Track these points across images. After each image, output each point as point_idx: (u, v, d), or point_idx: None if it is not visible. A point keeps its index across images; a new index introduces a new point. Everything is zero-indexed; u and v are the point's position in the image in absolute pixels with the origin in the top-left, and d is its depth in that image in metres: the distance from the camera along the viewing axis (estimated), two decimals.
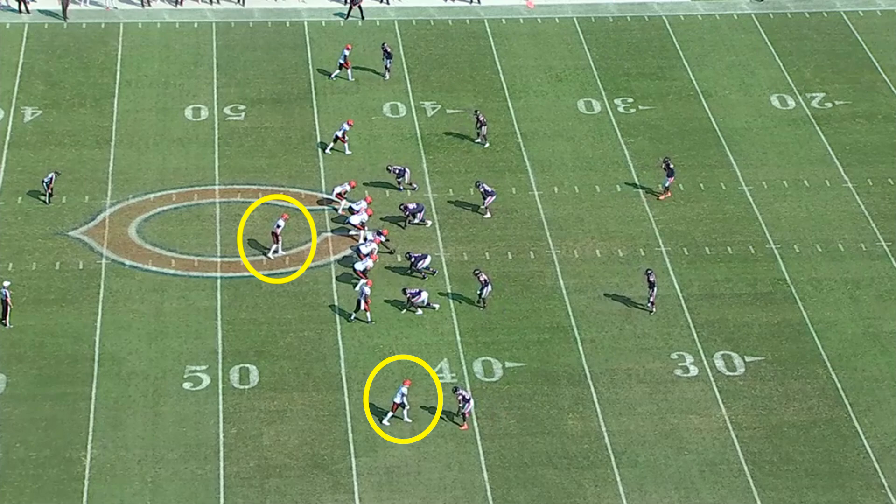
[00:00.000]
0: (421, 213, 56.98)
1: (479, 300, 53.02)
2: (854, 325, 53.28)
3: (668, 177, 58.73)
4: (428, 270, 54.07)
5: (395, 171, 58.52)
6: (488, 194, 57.76)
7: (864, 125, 64.14)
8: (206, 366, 50.69)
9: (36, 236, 56.28)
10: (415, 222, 57.05)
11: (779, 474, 47.28)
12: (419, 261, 53.90)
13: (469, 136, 62.11)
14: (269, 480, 46.48)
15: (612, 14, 72.02)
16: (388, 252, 55.07)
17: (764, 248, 56.85)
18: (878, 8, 72.79)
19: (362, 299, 52.18)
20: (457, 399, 48.05)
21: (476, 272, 53.00)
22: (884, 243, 57.21)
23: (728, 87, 66.64)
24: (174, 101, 64.59)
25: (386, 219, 57.20)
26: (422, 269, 53.94)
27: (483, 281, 52.58)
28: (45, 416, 48.44)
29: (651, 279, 52.82)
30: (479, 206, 58.12)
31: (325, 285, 54.34)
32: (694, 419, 49.21)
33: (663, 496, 46.37)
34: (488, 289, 52.66)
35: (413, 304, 52.60)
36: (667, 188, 58.97)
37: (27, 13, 70.01)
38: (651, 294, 52.90)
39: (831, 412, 49.63)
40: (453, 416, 48.41)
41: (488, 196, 57.75)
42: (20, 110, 63.54)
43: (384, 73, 66.22)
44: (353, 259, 54.57)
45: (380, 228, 56.11)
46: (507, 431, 48.45)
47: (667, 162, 58.85)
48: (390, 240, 55.61)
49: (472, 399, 48.20)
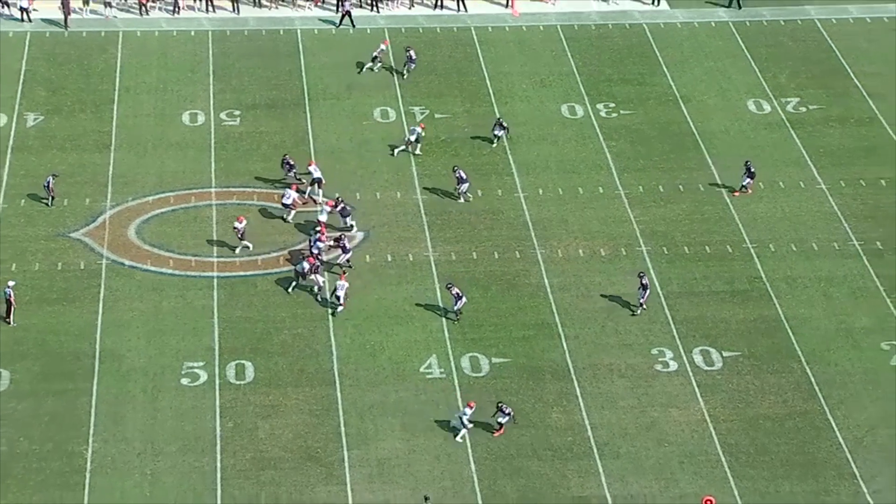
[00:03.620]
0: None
1: (454, 313, 52.40)
2: (827, 321, 53.40)
3: (749, 178, 58.92)
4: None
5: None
6: (462, 181, 58.09)
7: (837, 129, 64.27)
8: (204, 362, 50.70)
9: (38, 237, 56.25)
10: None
11: (755, 465, 47.41)
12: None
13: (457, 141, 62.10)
14: (265, 472, 46.52)
15: (595, 22, 72.10)
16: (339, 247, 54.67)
17: (741, 248, 56.96)
18: (850, 16, 72.93)
19: (341, 295, 52.12)
20: (498, 411, 47.69)
21: (448, 286, 52.53)
22: (856, 242, 57.35)
23: (706, 92, 66.73)
24: (172, 107, 64.55)
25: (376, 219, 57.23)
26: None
27: (456, 295, 52.10)
28: (47, 410, 48.45)
29: (644, 281, 52.83)
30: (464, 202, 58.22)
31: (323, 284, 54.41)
32: (674, 412, 49.31)
33: (644, 486, 46.47)
34: (462, 301, 52.17)
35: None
36: (743, 187, 59.08)
37: (29, 22, 69.95)
38: (642, 295, 52.89)
39: (805, 405, 49.75)
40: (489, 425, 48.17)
41: (462, 183, 58.08)
42: (23, 116, 63.49)
43: (403, 73, 66.40)
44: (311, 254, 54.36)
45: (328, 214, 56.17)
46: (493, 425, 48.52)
47: (748, 165, 59.11)
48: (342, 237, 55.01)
49: (512, 412, 47.80)
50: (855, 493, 46.35)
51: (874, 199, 59.72)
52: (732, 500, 46.06)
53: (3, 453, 46.81)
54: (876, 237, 57.58)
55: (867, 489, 46.57)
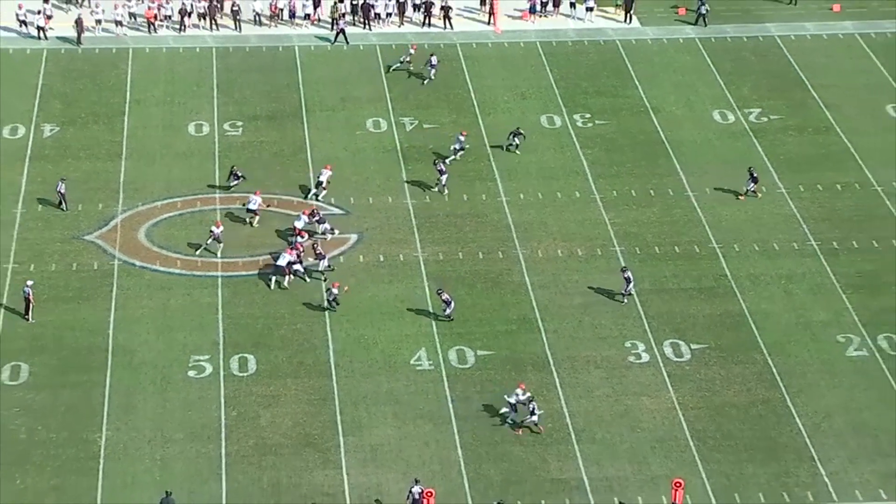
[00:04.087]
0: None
1: (445, 318, 52.14)
2: (787, 315, 53.50)
3: (753, 183, 59.03)
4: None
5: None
6: (442, 173, 58.61)
7: (796, 137, 64.36)
8: (209, 356, 50.66)
9: (55, 240, 56.16)
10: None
11: (721, 449, 47.49)
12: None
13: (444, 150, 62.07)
14: (266, 458, 46.50)
15: (571, 39, 72.14)
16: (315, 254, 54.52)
17: (707, 248, 57.03)
18: (807, 33, 73.07)
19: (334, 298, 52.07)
20: (528, 409, 47.45)
21: (439, 292, 52.34)
22: (814, 242, 57.46)
23: (675, 103, 66.78)
24: (178, 119, 64.48)
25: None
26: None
27: (445, 300, 51.97)
28: (64, 401, 48.39)
29: (626, 275, 53.03)
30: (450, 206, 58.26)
31: (315, 283, 54.36)
32: (645, 400, 49.36)
33: (618, 469, 46.51)
34: (451, 307, 51.92)
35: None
36: (747, 191, 59.20)
37: (46, 40, 69.84)
38: (626, 287, 53.05)
39: (767, 393, 49.85)
40: (517, 425, 47.84)
41: (443, 174, 58.60)
42: (40, 127, 63.37)
43: (428, 78, 66.93)
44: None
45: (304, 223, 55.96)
46: (478, 413, 48.53)
47: (751, 171, 59.27)
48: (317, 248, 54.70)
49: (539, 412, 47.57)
50: (813, 475, 46.46)
51: (830, 202, 59.84)
52: (700, 481, 46.13)
53: (23, 441, 46.76)
54: (832, 238, 57.71)
55: (824, 471, 46.67)
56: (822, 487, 46.00)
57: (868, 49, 71.44)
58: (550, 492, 45.52)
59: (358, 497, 45.12)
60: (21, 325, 51.65)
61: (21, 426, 47.31)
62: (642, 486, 45.86)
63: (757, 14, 74.62)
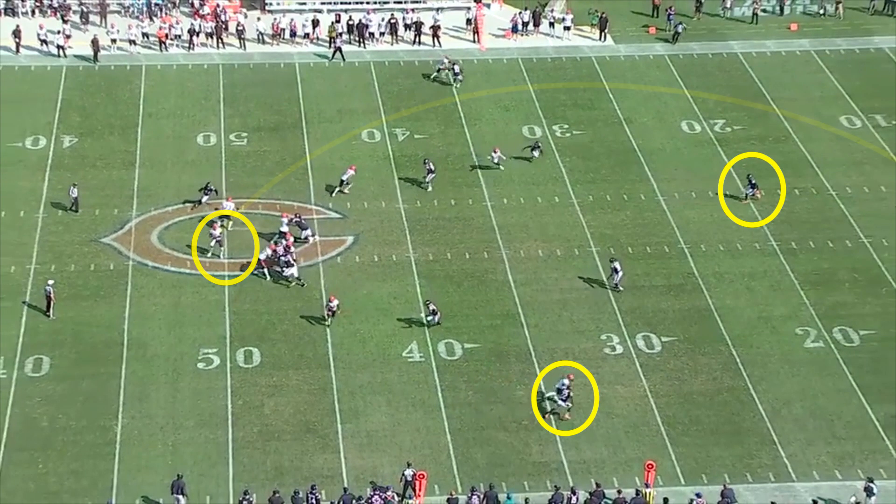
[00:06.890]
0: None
1: (435, 323, 51.73)
2: (750, 310, 53.54)
3: (752, 188, 59.05)
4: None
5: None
6: (430, 172, 58.67)
7: (757, 146, 64.38)
8: (217, 349, 50.57)
9: (74, 243, 56.02)
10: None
11: (689, 433, 47.51)
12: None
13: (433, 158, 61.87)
14: (270, 443, 46.44)
15: (551, 55, 72.14)
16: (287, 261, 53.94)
17: (676, 248, 57.05)
18: (768, 50, 73.13)
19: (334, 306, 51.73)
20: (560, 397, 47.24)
21: (427, 302, 52.09)
22: (774, 243, 57.50)
23: (646, 115, 66.78)
24: (188, 130, 64.34)
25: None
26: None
27: (432, 311, 51.54)
28: (82, 392, 48.28)
29: (614, 266, 53.19)
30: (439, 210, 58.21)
31: (314, 281, 54.27)
32: (620, 389, 49.36)
33: (595, 453, 46.52)
34: (437, 316, 51.41)
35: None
36: (747, 196, 59.20)
37: (65, 57, 69.68)
38: (616, 277, 53.10)
39: (732, 382, 49.88)
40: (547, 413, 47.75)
41: (430, 173, 58.62)
42: (60, 138, 63.21)
43: (454, 83, 67.27)
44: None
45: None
46: (466, 401, 48.52)
47: (749, 178, 59.41)
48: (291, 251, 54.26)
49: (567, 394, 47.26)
50: (774, 457, 46.50)
51: (789, 206, 59.81)
52: (670, 463, 46.16)
53: (45, 428, 46.65)
54: (791, 238, 57.75)
55: (784, 453, 46.73)
56: (782, 468, 46.04)
57: (823, 64, 71.53)
58: (532, 474, 45.49)
59: (354, 479, 45.05)
60: (43, 322, 51.51)
61: (43, 415, 47.19)
62: (617, 467, 45.86)
63: (721, 33, 74.69)
